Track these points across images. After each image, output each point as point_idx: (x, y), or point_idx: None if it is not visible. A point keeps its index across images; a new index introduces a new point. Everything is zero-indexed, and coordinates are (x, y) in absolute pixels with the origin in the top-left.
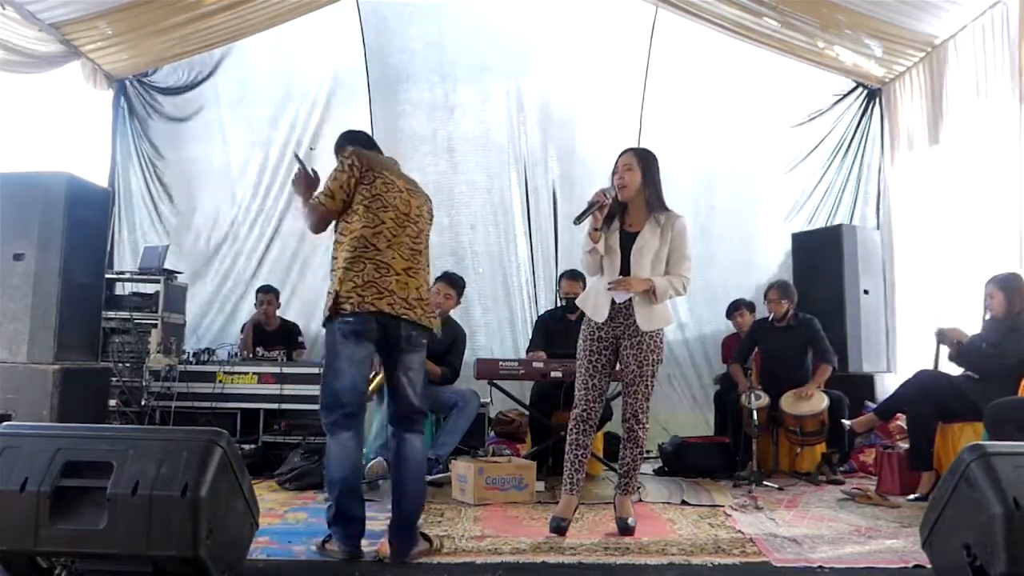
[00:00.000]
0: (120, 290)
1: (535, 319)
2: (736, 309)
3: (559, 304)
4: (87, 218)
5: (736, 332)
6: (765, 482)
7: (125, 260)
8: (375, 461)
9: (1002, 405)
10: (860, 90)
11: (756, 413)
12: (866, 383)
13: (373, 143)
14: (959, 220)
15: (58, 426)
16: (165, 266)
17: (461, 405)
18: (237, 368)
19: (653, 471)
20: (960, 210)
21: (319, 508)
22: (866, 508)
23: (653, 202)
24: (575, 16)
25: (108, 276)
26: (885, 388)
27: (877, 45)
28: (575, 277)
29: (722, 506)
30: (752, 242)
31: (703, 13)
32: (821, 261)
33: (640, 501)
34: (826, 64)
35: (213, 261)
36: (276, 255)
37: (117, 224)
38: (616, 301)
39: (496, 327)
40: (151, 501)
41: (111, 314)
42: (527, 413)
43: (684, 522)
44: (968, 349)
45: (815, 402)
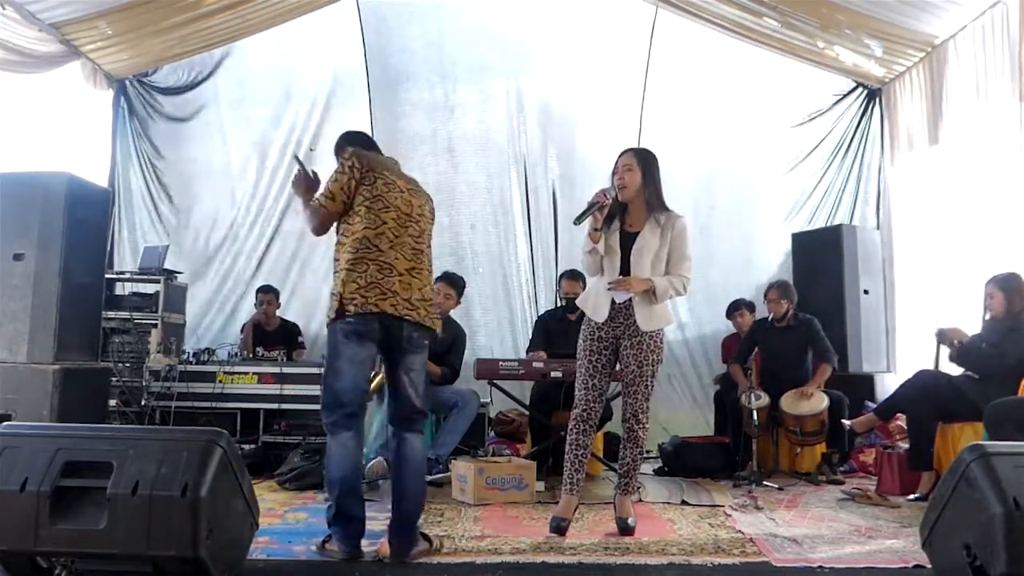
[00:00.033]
0: (120, 290)
1: (535, 319)
2: (736, 309)
3: (559, 304)
4: (87, 218)
5: (736, 332)
6: (765, 482)
7: (125, 260)
8: (375, 461)
9: (1002, 405)
10: (860, 90)
11: (756, 413)
12: (866, 383)
13: (373, 144)
14: (959, 220)
15: (58, 426)
16: (165, 266)
17: (461, 405)
18: (237, 368)
19: (653, 471)
20: (960, 210)
21: (319, 508)
22: (866, 508)
23: (653, 202)
24: (575, 16)
25: (108, 276)
26: (885, 388)
27: (877, 45)
28: (575, 277)
29: (722, 506)
30: (752, 242)
31: (703, 13)
32: (821, 261)
33: (640, 501)
34: (826, 64)
35: (213, 261)
36: (276, 255)
37: (117, 224)
38: (616, 301)
39: (496, 327)
40: (151, 501)
41: (111, 314)
42: (527, 413)
43: (684, 522)
44: (968, 349)
45: (815, 402)
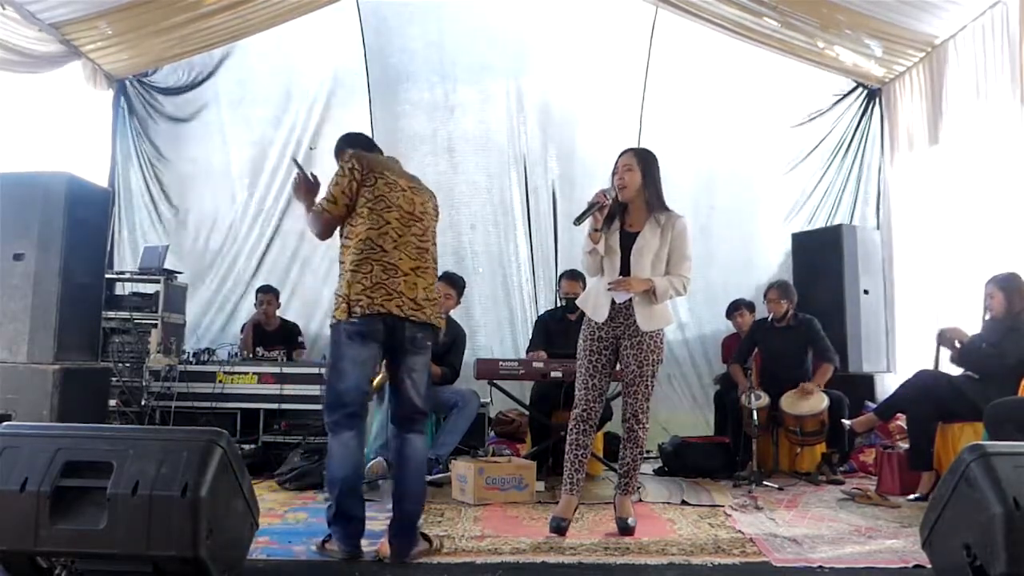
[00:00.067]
0: (120, 290)
1: (535, 319)
2: (736, 309)
3: (559, 304)
4: (87, 218)
5: (736, 332)
6: (765, 482)
7: (125, 260)
8: (375, 461)
9: (1002, 405)
10: (860, 90)
11: (756, 413)
12: (866, 383)
13: (373, 144)
14: (959, 220)
15: (58, 426)
16: (165, 266)
17: (461, 405)
18: (237, 368)
19: (653, 471)
20: (960, 210)
21: (319, 508)
22: (866, 508)
23: (653, 202)
24: (575, 16)
25: (108, 276)
26: (885, 388)
27: (877, 45)
28: (575, 277)
29: (722, 506)
30: (752, 242)
31: (703, 13)
32: (821, 261)
33: (640, 501)
34: (826, 64)
35: (213, 261)
36: (276, 255)
37: (117, 224)
38: (616, 301)
39: (496, 327)
40: (151, 501)
41: (111, 314)
42: (527, 413)
43: (684, 522)
44: (968, 350)
45: (815, 402)
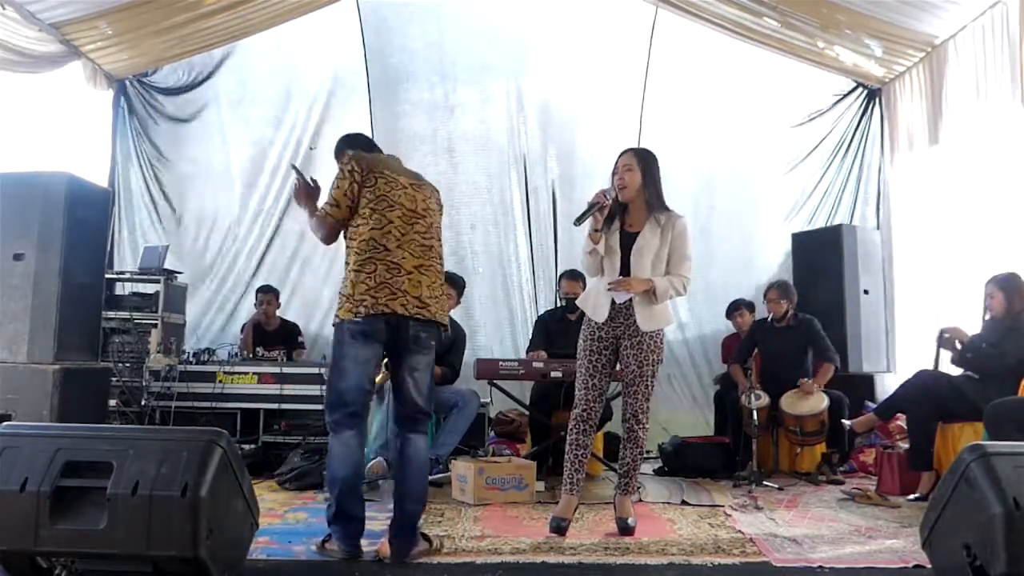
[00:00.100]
0: (120, 290)
1: (535, 319)
2: (736, 309)
3: (559, 304)
4: (87, 218)
5: (736, 332)
6: (765, 482)
7: (125, 260)
8: (375, 461)
9: (1002, 405)
10: (860, 90)
11: (756, 413)
12: (866, 383)
13: (373, 144)
14: (959, 220)
15: (58, 426)
16: (165, 266)
17: (461, 405)
18: (237, 368)
19: (653, 471)
20: (960, 210)
21: (319, 508)
22: (866, 508)
23: (653, 202)
24: (575, 16)
25: (108, 276)
26: (885, 388)
27: (877, 45)
28: (575, 277)
29: (722, 506)
30: (752, 242)
31: (703, 13)
32: (821, 261)
33: (640, 501)
34: (826, 64)
35: (213, 261)
36: (276, 255)
37: (117, 224)
38: (616, 301)
39: (496, 327)
40: (151, 501)
41: (111, 314)
42: (527, 413)
43: (684, 522)
44: (969, 350)
45: (815, 402)
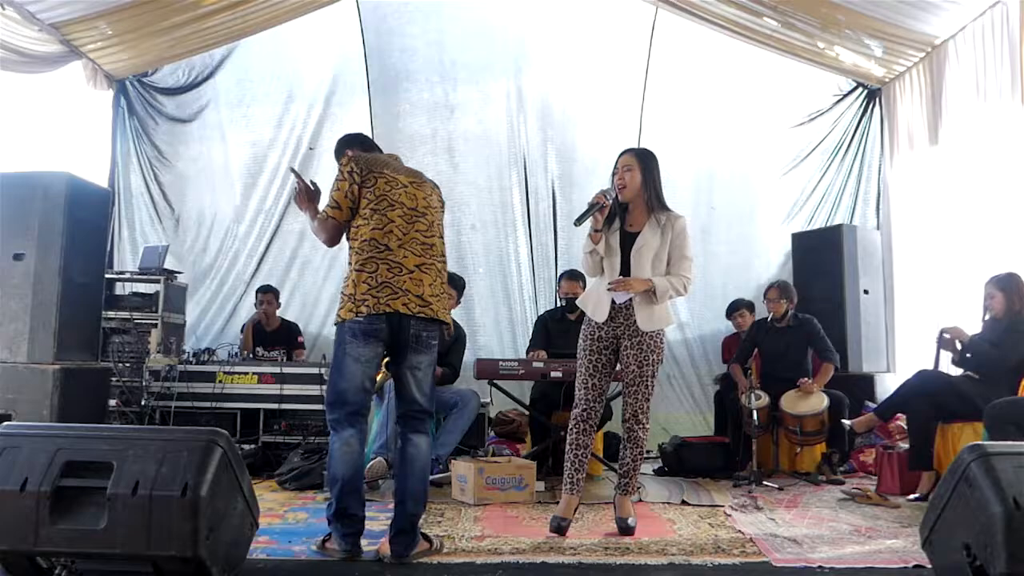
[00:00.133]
0: (120, 290)
1: (535, 319)
2: (736, 309)
3: (559, 304)
4: (87, 218)
5: (736, 332)
6: (765, 482)
7: (125, 260)
8: (375, 461)
9: (1002, 405)
10: (860, 90)
11: (756, 413)
12: (866, 383)
13: (372, 144)
14: (959, 220)
15: (58, 426)
16: (165, 266)
17: (461, 405)
18: (237, 368)
19: (653, 471)
20: (960, 210)
21: (319, 508)
22: (866, 508)
23: (653, 202)
24: (575, 16)
25: (108, 276)
26: (885, 388)
27: (877, 45)
28: (575, 277)
29: (722, 506)
30: (752, 242)
31: (703, 13)
32: (821, 261)
33: (640, 501)
34: (826, 64)
35: (213, 261)
36: (276, 255)
37: (117, 224)
38: (616, 301)
39: (496, 327)
40: (151, 501)
41: (111, 314)
42: (527, 413)
43: (684, 522)
44: (969, 351)
45: (815, 402)
